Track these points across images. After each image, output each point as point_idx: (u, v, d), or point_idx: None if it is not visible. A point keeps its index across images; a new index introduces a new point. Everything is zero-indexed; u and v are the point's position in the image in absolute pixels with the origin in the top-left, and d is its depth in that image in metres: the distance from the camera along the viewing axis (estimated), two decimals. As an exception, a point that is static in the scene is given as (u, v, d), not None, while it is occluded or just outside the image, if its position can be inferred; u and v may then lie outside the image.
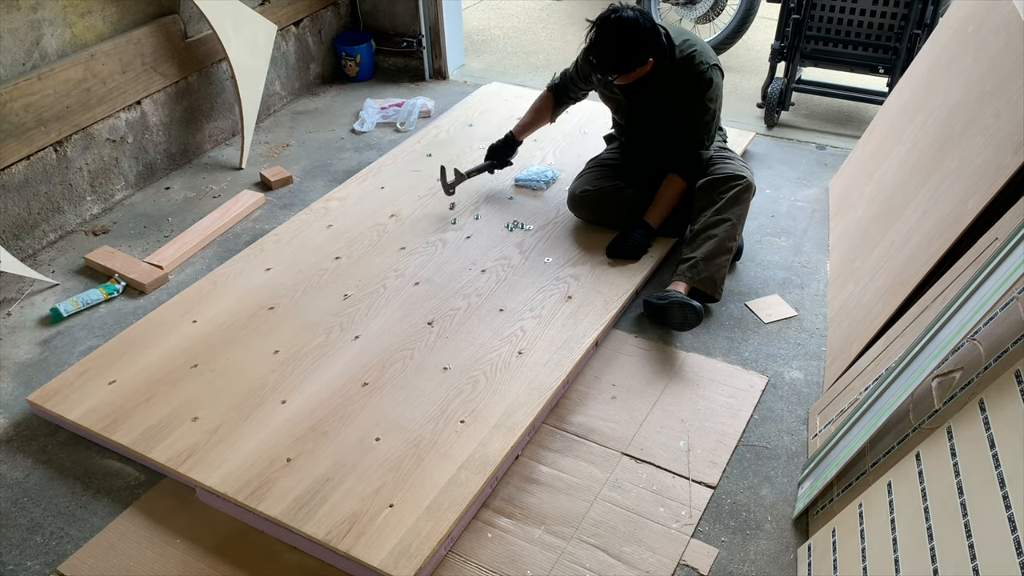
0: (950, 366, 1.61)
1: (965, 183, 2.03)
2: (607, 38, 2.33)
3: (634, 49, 2.33)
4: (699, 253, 2.43)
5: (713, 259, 2.42)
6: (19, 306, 2.63)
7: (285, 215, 3.03)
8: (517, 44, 4.70)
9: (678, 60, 2.44)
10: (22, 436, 2.15)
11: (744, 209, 2.49)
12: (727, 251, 2.44)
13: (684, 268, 2.44)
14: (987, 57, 2.29)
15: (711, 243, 2.42)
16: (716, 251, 2.42)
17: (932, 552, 1.33)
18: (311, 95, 4.05)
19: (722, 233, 2.43)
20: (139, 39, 3.04)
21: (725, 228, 2.43)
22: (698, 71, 2.44)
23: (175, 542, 1.84)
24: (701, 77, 2.44)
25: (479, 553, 1.80)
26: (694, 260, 2.43)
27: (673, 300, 2.32)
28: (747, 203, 2.49)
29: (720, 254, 2.43)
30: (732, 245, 2.45)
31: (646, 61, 2.36)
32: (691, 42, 2.47)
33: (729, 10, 4.20)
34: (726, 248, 2.43)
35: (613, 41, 2.32)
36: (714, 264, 2.42)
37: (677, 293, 2.36)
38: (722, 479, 1.97)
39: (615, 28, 2.32)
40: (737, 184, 2.46)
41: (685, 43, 2.46)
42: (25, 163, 2.75)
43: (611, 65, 2.37)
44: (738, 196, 2.46)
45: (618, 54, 2.34)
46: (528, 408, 2.06)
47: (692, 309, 2.28)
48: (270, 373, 2.19)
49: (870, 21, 3.34)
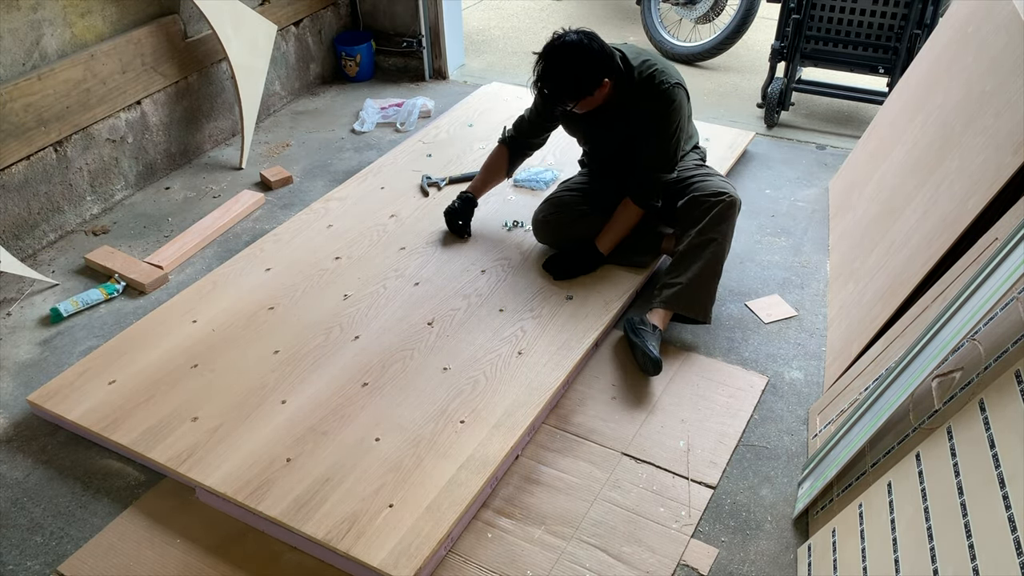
0: (950, 366, 1.61)
1: (965, 183, 2.03)
2: (556, 65, 2.21)
3: (586, 72, 2.21)
4: (684, 278, 2.30)
5: (701, 282, 2.30)
6: (19, 306, 2.63)
7: (285, 215, 3.03)
8: (517, 44, 4.70)
9: (638, 81, 2.31)
10: (22, 436, 2.15)
11: (729, 227, 2.32)
12: (715, 273, 2.32)
13: (668, 295, 2.32)
14: (987, 57, 2.29)
15: (697, 265, 2.29)
16: (703, 274, 2.30)
17: (932, 552, 1.33)
18: (311, 95, 4.05)
19: (708, 255, 2.29)
20: (139, 39, 3.04)
21: (712, 249, 2.29)
22: (660, 90, 2.30)
23: (175, 542, 1.84)
24: (663, 96, 2.30)
25: (479, 553, 1.80)
26: (679, 286, 2.30)
27: (638, 345, 2.22)
28: (732, 220, 2.32)
29: (708, 277, 2.31)
30: (720, 266, 2.33)
31: (601, 83, 2.23)
32: (651, 62, 2.34)
33: (729, 10, 4.20)
34: (714, 270, 2.32)
35: (562, 67, 2.20)
36: (703, 288, 2.31)
37: (648, 334, 2.24)
38: (722, 479, 1.97)
39: (562, 54, 2.20)
40: (720, 201, 2.30)
41: (644, 63, 2.33)
42: (25, 163, 2.75)
43: (565, 92, 2.24)
44: (722, 214, 2.29)
45: (570, 80, 2.21)
46: (528, 408, 2.06)
47: (651, 360, 2.18)
48: (270, 373, 2.19)
49: (870, 21, 3.34)
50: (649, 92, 2.31)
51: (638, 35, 4.68)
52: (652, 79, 2.31)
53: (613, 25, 4.96)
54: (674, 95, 2.31)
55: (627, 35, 4.78)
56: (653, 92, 2.31)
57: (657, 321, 2.29)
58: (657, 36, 4.43)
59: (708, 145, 3.27)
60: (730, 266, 2.70)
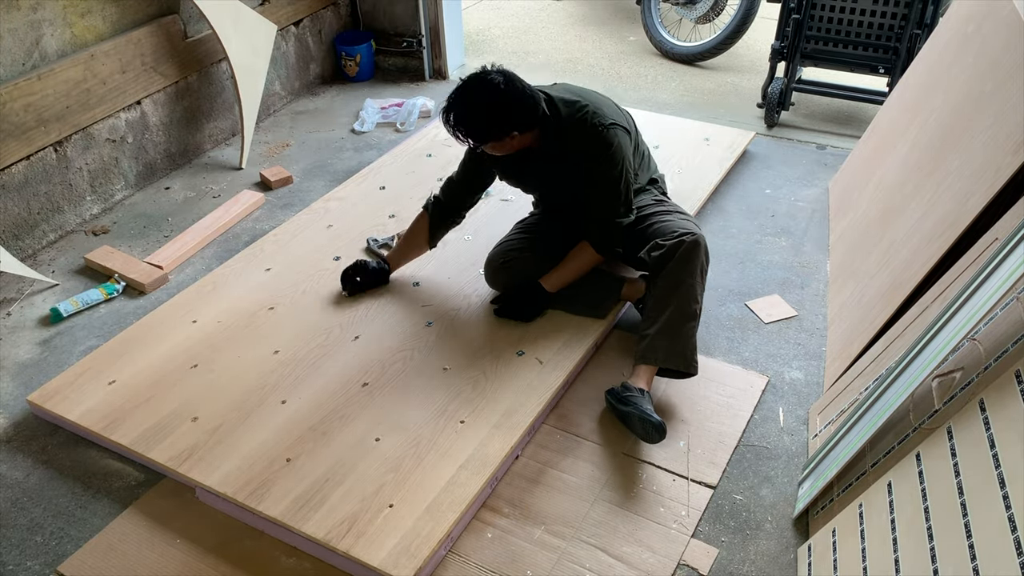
0: (950, 366, 1.61)
1: (965, 183, 2.03)
2: (464, 104, 2.03)
3: (496, 118, 2.02)
4: (654, 329, 2.10)
5: (676, 332, 2.09)
6: (19, 306, 2.63)
7: (285, 215, 3.03)
8: (517, 44, 4.70)
9: (571, 124, 2.13)
10: (22, 436, 2.15)
11: (697, 266, 2.11)
12: (691, 317, 2.10)
13: (644, 350, 2.11)
14: (987, 57, 2.29)
15: (668, 313, 2.09)
16: (677, 321, 2.09)
17: (932, 552, 1.33)
18: (311, 95, 4.05)
19: (679, 299, 2.09)
20: (139, 39, 3.04)
21: (682, 292, 2.10)
22: (594, 132, 2.12)
23: (175, 542, 1.84)
24: (598, 139, 2.12)
25: (479, 553, 1.80)
26: (651, 338, 2.10)
27: (633, 413, 1.99)
28: (699, 259, 2.12)
29: (683, 323, 2.10)
30: (695, 308, 2.12)
31: (507, 134, 2.05)
32: (582, 103, 2.15)
33: (729, 10, 4.20)
34: (689, 314, 2.10)
35: (471, 108, 2.02)
36: (680, 337, 2.09)
37: (637, 398, 2.02)
38: (722, 479, 1.97)
39: (474, 93, 2.03)
40: (682, 241, 2.10)
41: (575, 105, 2.14)
42: (25, 163, 2.75)
43: (464, 131, 2.04)
44: (687, 255, 2.09)
45: (470, 121, 2.03)
46: (528, 408, 2.06)
47: (652, 426, 1.95)
48: (270, 373, 2.19)
49: (870, 21, 3.34)
50: (584, 135, 2.14)
51: (638, 35, 4.69)
52: (584, 121, 2.13)
53: (613, 25, 4.96)
54: (611, 136, 2.13)
55: (627, 35, 4.78)
56: (588, 135, 2.13)
57: (642, 383, 2.07)
58: (657, 36, 4.43)
59: (708, 145, 3.28)
60: (730, 266, 2.71)
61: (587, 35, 4.82)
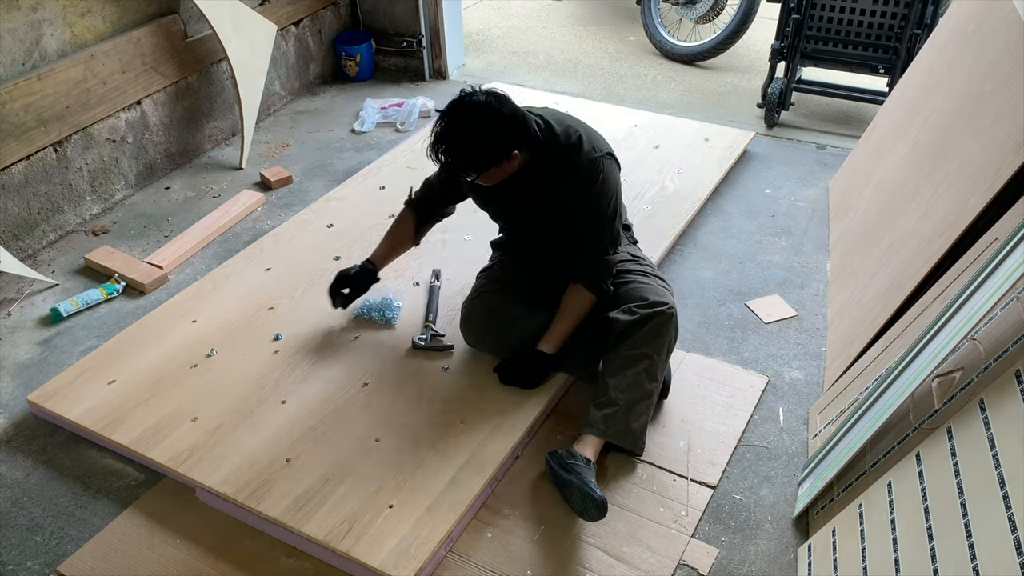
0: (950, 366, 1.62)
1: (965, 183, 2.03)
2: (454, 131, 1.84)
3: (488, 142, 1.85)
4: (607, 401, 1.96)
5: (629, 409, 1.95)
6: (19, 306, 2.63)
7: (285, 215, 3.03)
8: (517, 44, 4.70)
9: (561, 150, 1.97)
10: (22, 436, 2.15)
11: (665, 343, 1.98)
12: (647, 395, 1.97)
13: (597, 416, 1.96)
14: (987, 57, 2.29)
15: (627, 385, 1.96)
16: (634, 399, 1.95)
17: (932, 552, 1.33)
18: (311, 95, 4.05)
19: (639, 374, 1.96)
20: (139, 39, 3.04)
21: (644, 366, 1.96)
22: (587, 160, 1.97)
23: (175, 542, 1.84)
24: (592, 169, 1.97)
25: (479, 553, 1.80)
26: (603, 409, 1.96)
27: (574, 483, 1.82)
28: (669, 336, 1.99)
29: (638, 400, 1.95)
30: (653, 387, 1.98)
31: (507, 155, 1.87)
32: (575, 128, 2.01)
33: (729, 10, 4.20)
34: (645, 391, 1.96)
35: (461, 134, 1.84)
36: (632, 413, 1.95)
37: (582, 468, 1.85)
38: (722, 479, 1.97)
39: (464, 117, 1.85)
40: (658, 312, 1.97)
41: (569, 129, 1.99)
42: (25, 163, 2.75)
43: (463, 163, 1.88)
44: (658, 329, 1.97)
45: (469, 149, 1.85)
46: (528, 408, 2.06)
47: (594, 502, 1.77)
48: (270, 373, 2.19)
49: (870, 21, 3.34)
50: (576, 164, 1.98)
51: (638, 35, 4.69)
52: (579, 147, 1.98)
53: (613, 25, 4.96)
54: (604, 167, 1.99)
55: (627, 35, 4.78)
56: (581, 164, 1.98)
57: (589, 453, 1.91)
58: (657, 36, 4.43)
59: (708, 145, 3.28)
60: (730, 266, 2.71)
61: (587, 35, 4.82)
